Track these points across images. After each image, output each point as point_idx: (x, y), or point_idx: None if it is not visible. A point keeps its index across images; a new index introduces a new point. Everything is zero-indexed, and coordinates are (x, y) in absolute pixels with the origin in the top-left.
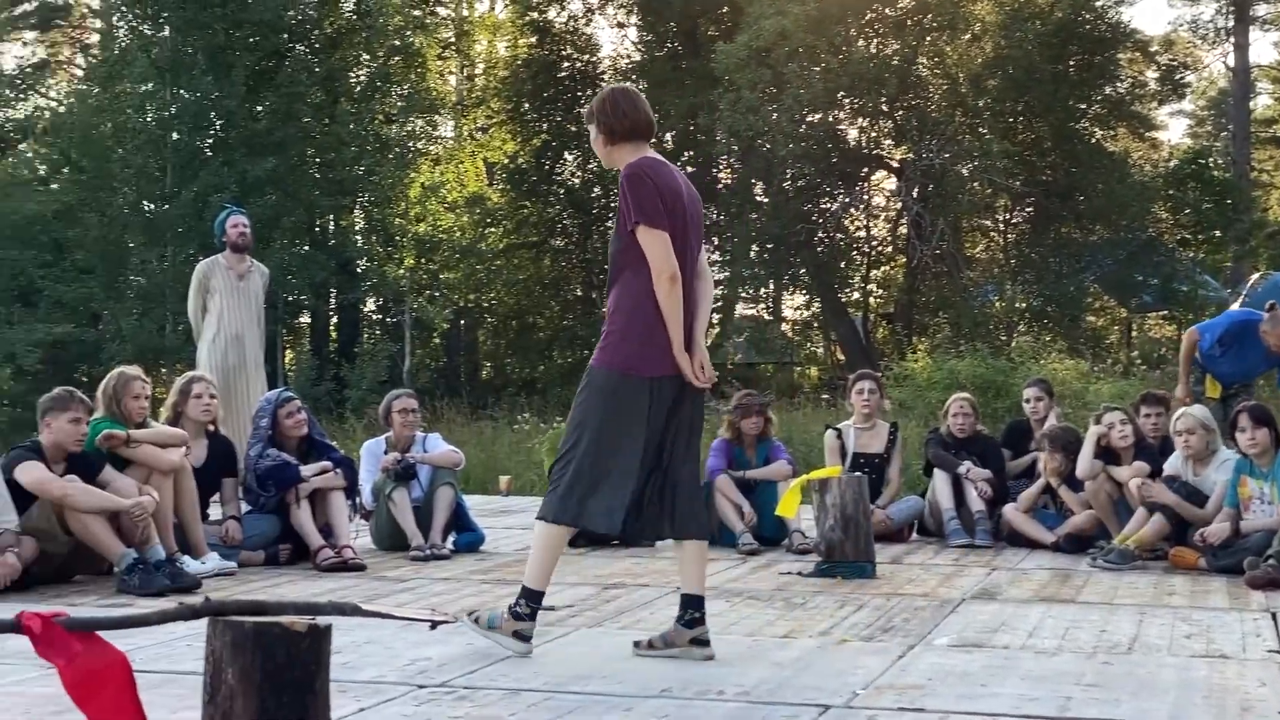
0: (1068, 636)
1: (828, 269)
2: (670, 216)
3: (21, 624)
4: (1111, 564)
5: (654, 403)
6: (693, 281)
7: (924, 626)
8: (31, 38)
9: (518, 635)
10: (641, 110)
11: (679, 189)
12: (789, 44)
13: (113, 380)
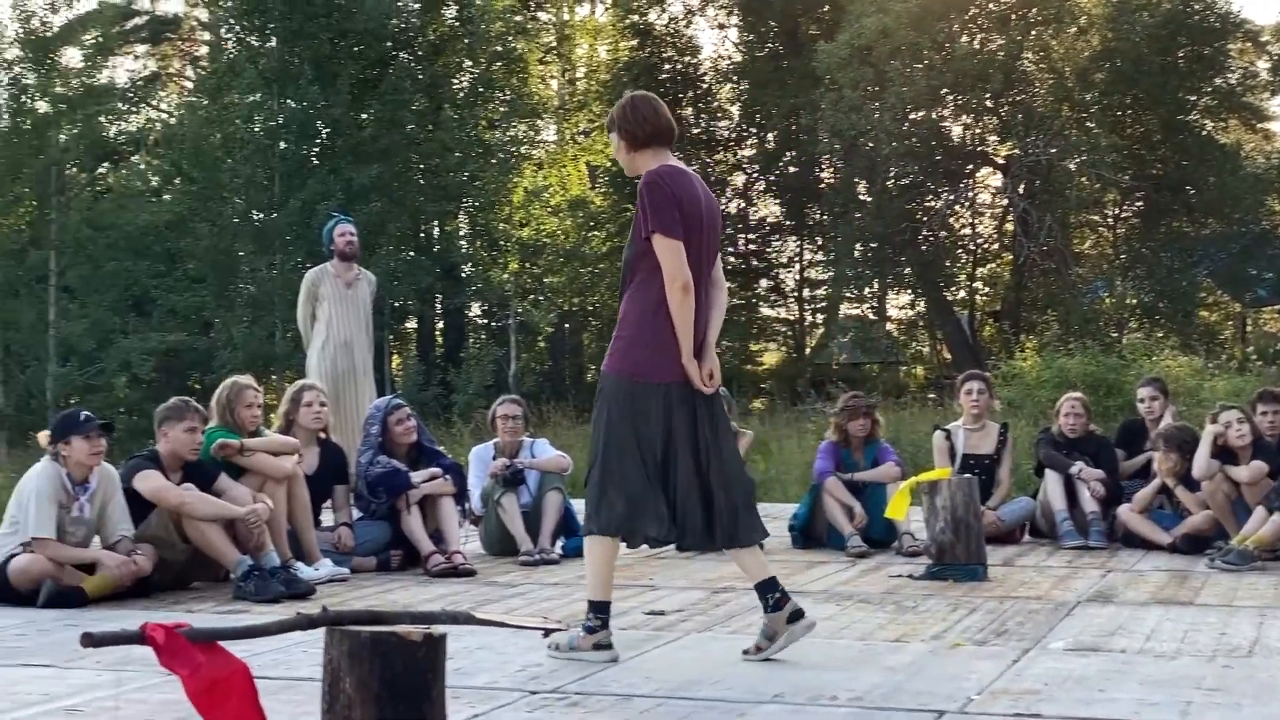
0: (1186, 640)
1: (933, 267)
2: (687, 225)
3: (146, 635)
4: (1230, 565)
5: (669, 407)
6: (707, 290)
7: (1038, 630)
8: (142, 51)
9: (597, 647)
10: (663, 116)
11: (698, 197)
12: (891, 42)
13: (226, 390)
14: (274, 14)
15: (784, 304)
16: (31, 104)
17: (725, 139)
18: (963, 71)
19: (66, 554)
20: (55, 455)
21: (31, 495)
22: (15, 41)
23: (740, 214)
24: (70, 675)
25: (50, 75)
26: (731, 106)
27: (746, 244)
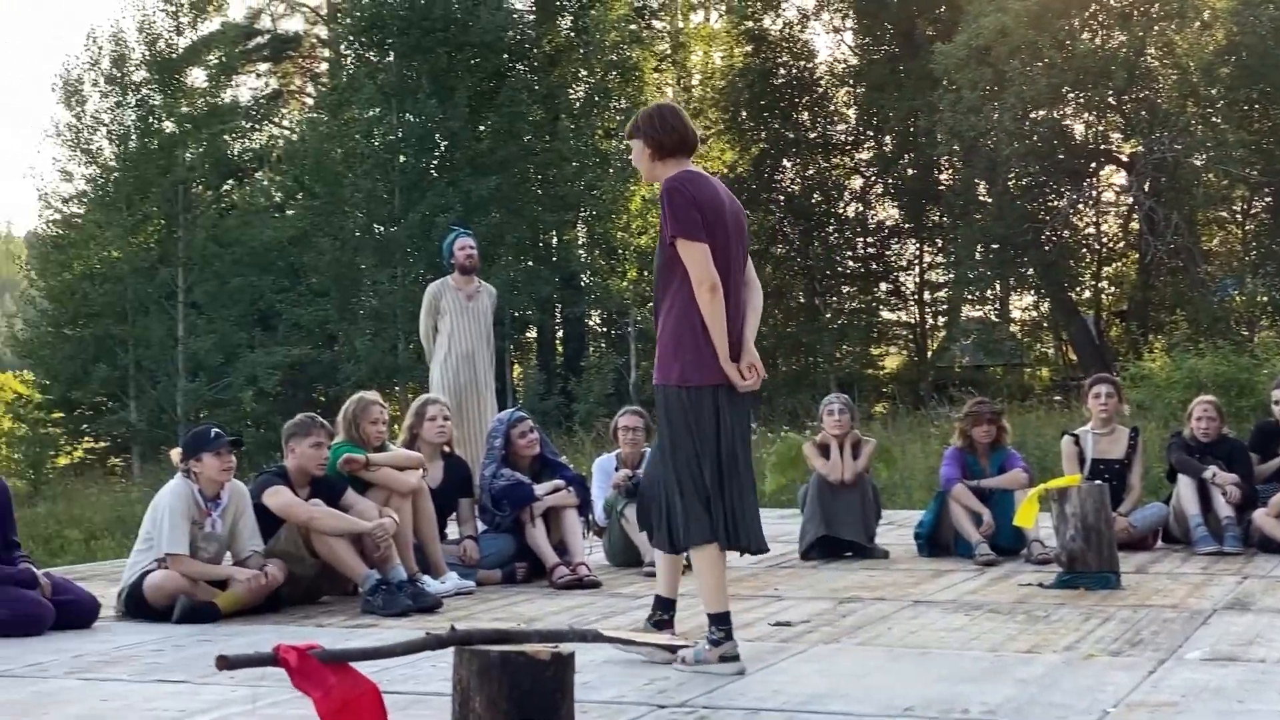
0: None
1: (1056, 268)
2: (711, 229)
3: (279, 657)
4: None
5: (719, 408)
6: (739, 290)
7: (1174, 639)
8: (265, 69)
9: (724, 659)
10: (689, 128)
11: (720, 201)
12: (1010, 41)
13: (352, 406)
14: (392, 30)
15: (904, 307)
16: (158, 124)
17: (842, 143)
18: (1084, 69)
19: (200, 570)
20: (187, 472)
21: (165, 512)
22: (142, 63)
23: (858, 217)
24: (205, 691)
25: (176, 95)
26: (848, 110)
27: (865, 247)
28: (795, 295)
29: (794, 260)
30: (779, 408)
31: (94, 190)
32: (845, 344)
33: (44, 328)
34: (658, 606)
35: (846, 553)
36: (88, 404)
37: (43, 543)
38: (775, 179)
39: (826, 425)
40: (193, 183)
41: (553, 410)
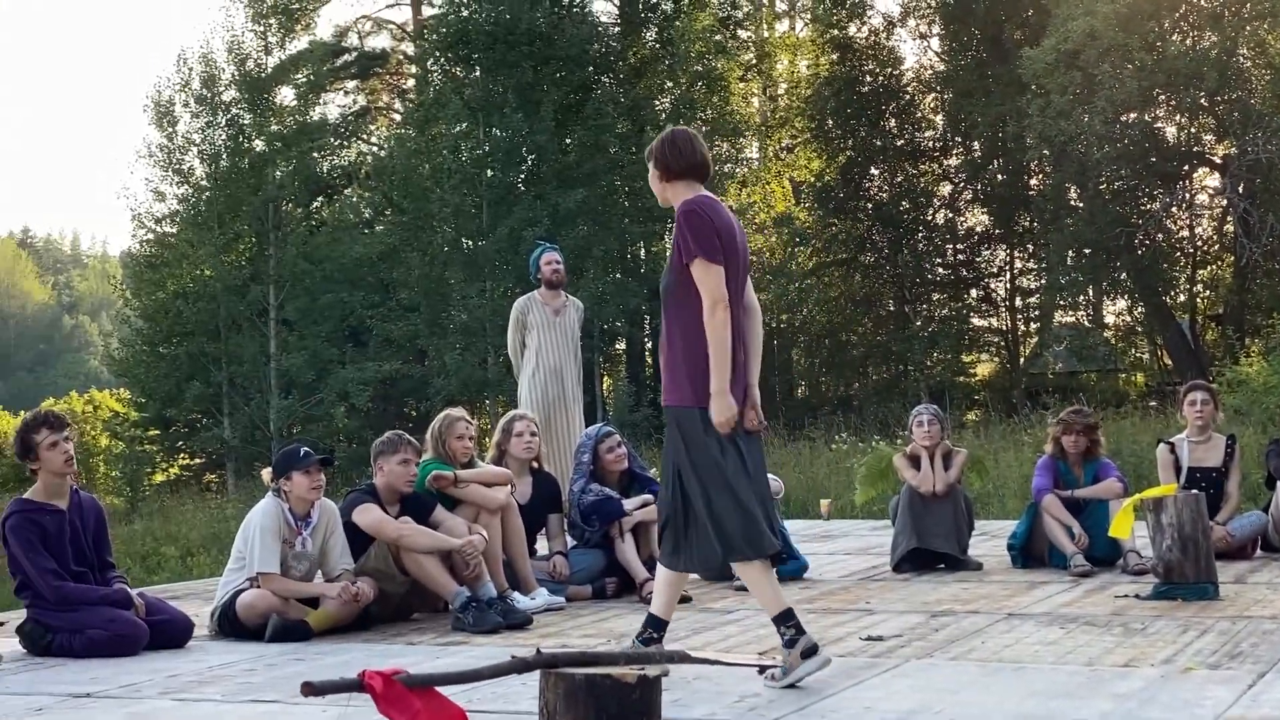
0: None
1: (1150, 272)
2: (726, 254)
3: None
4: None
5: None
6: (740, 316)
7: (1275, 651)
8: (352, 87)
9: (806, 654)
10: (698, 152)
11: (733, 228)
12: (1099, 44)
13: (438, 422)
14: (478, 45)
15: (995, 313)
16: (248, 143)
17: (930, 149)
18: (1175, 71)
19: (291, 588)
20: (277, 491)
21: (256, 532)
22: (232, 83)
23: (947, 224)
24: (296, 711)
25: (266, 114)
26: (935, 116)
27: (955, 254)
28: (885, 303)
29: (883, 268)
30: (869, 417)
31: (186, 209)
32: (936, 352)
33: (139, 346)
34: (650, 625)
35: (939, 565)
36: (183, 421)
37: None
38: (863, 187)
39: (916, 436)
40: (283, 200)
41: (643, 422)
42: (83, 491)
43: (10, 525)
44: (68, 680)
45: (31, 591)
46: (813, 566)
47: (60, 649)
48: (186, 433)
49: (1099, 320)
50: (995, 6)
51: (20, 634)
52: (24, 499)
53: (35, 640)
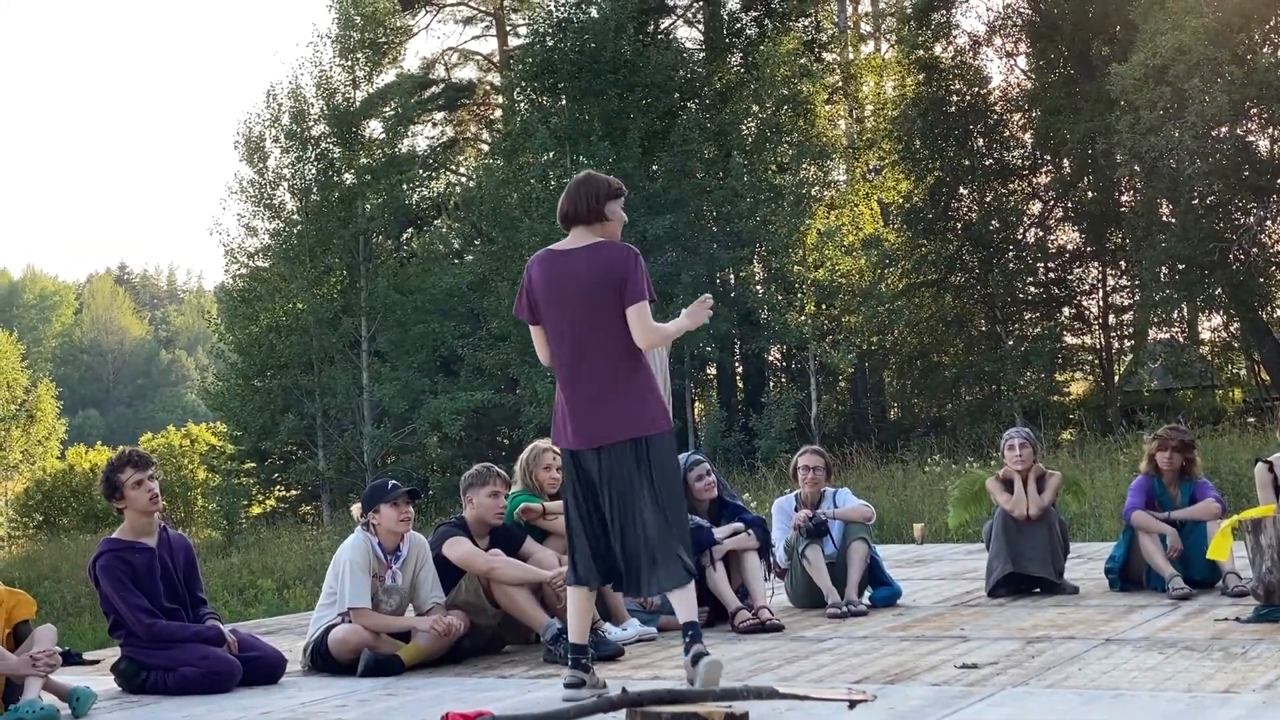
0: None
1: (1245, 287)
2: (543, 308)
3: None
4: None
5: (572, 470)
6: (568, 354)
7: None
8: (440, 118)
9: None
10: (561, 202)
11: (550, 278)
12: (1188, 59)
13: (527, 454)
14: (564, 74)
15: (1088, 331)
16: (338, 176)
17: (1019, 168)
18: (1266, 84)
19: (383, 623)
20: (366, 525)
21: (346, 567)
22: (321, 118)
23: (1038, 243)
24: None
25: (355, 148)
26: (1024, 135)
27: (1046, 273)
28: (976, 323)
29: (974, 288)
30: (963, 439)
31: (278, 244)
32: (1029, 371)
33: (233, 380)
34: (579, 652)
35: (1035, 589)
36: (278, 453)
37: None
38: (952, 207)
39: (1008, 460)
40: (373, 232)
41: (734, 448)
42: (171, 530)
43: (101, 565)
44: (162, 718)
45: (125, 630)
46: (906, 592)
47: (154, 687)
48: (282, 465)
49: (1194, 336)
50: (1082, 23)
51: (115, 672)
52: (113, 538)
53: (130, 678)
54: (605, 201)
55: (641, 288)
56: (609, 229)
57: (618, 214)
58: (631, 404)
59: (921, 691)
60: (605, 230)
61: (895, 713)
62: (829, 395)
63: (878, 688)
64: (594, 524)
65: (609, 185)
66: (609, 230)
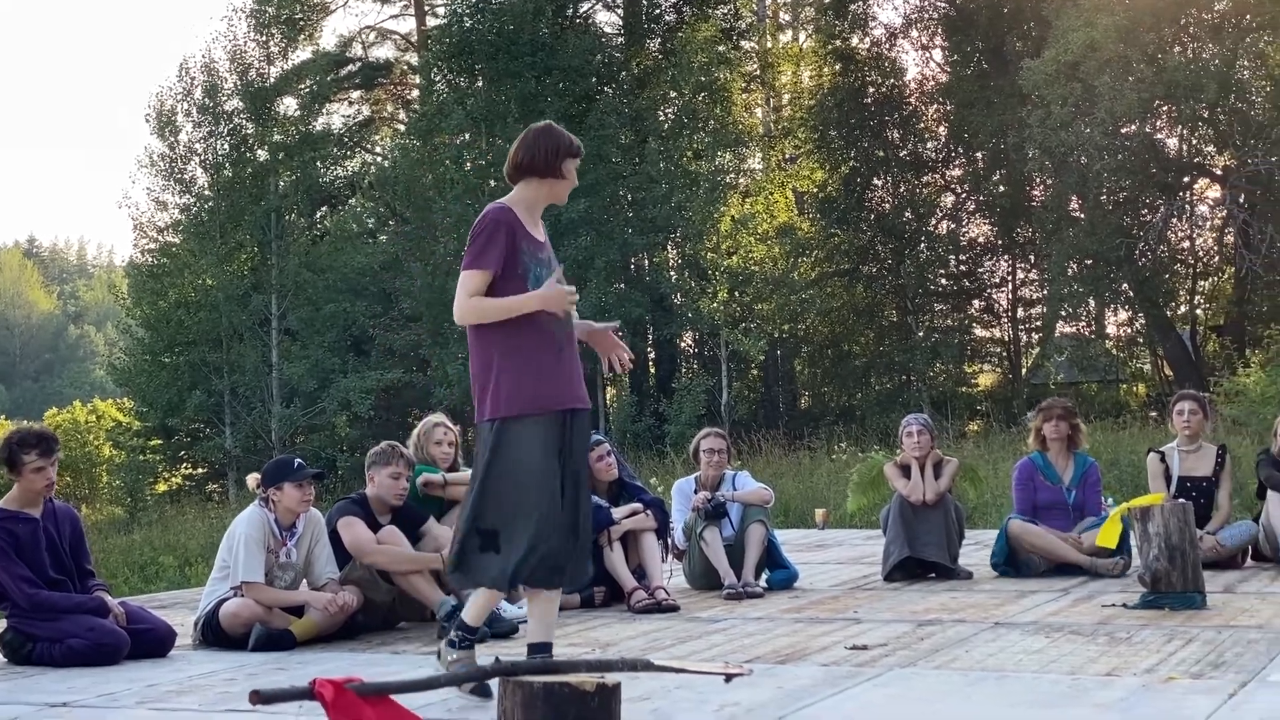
0: None
1: (1151, 283)
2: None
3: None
4: None
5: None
6: None
7: (1258, 661)
8: (356, 97)
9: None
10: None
11: None
12: (1099, 56)
13: (419, 429)
14: (481, 55)
15: (997, 324)
16: (251, 153)
17: (933, 160)
18: (1175, 83)
19: (275, 597)
20: (264, 500)
21: (240, 541)
22: (235, 93)
23: (950, 235)
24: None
25: (269, 124)
26: (938, 127)
27: (957, 265)
28: (888, 314)
29: (886, 279)
30: (871, 427)
31: (188, 219)
32: (938, 362)
33: (141, 355)
34: (469, 632)
35: (930, 574)
36: (185, 431)
37: (138, 569)
38: (866, 197)
39: (906, 446)
40: (286, 210)
41: (644, 432)
42: (57, 501)
43: None
44: (46, 690)
45: (10, 601)
46: (804, 576)
47: (41, 658)
48: (188, 442)
49: (1100, 331)
50: (997, 18)
51: (1, 643)
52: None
53: (16, 649)
54: (564, 158)
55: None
56: (559, 189)
57: (572, 175)
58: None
59: (811, 671)
60: (555, 191)
61: (784, 692)
62: (740, 382)
63: (768, 667)
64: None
65: (571, 142)
66: (558, 191)
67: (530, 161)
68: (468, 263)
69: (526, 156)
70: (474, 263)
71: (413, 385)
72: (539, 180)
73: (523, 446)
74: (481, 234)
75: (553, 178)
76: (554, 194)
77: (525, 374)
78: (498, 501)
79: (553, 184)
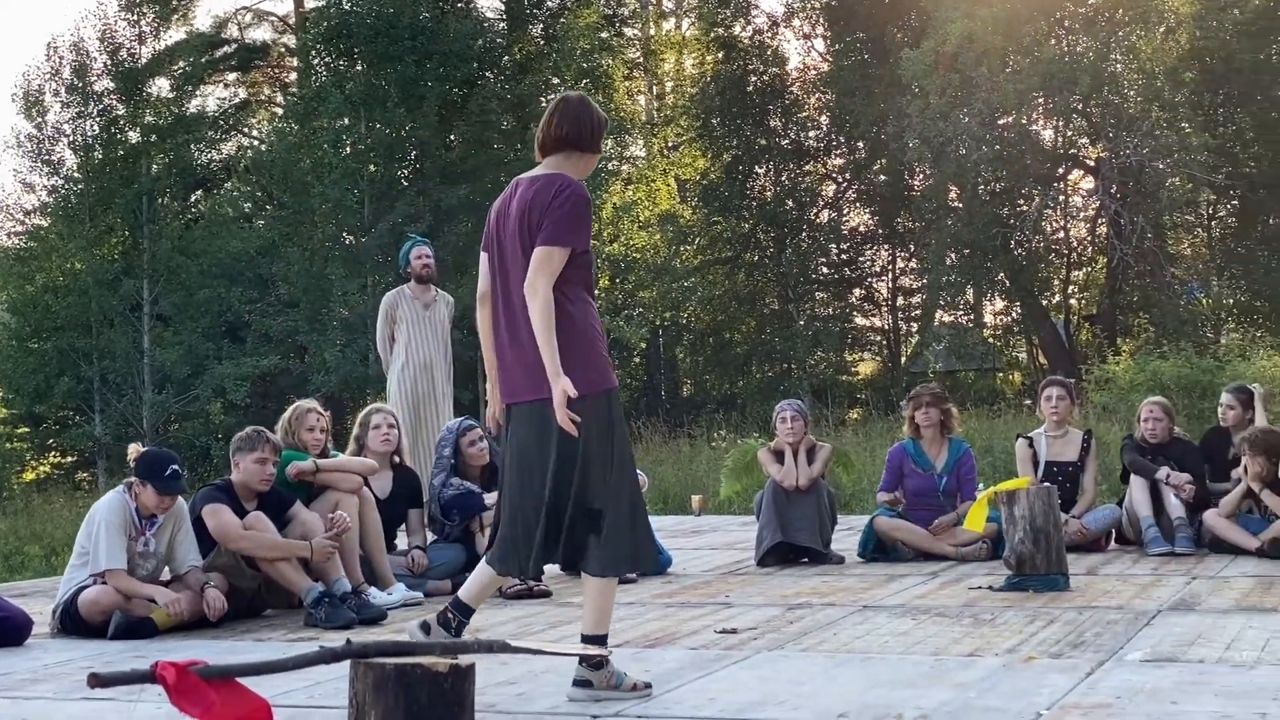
0: (1268, 648)
1: (1027, 272)
2: (488, 241)
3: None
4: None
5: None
6: (498, 309)
7: (1116, 641)
8: (232, 79)
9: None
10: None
11: (498, 212)
12: (976, 47)
13: (289, 414)
14: (360, 39)
15: (878, 313)
16: (122, 135)
17: (814, 149)
18: (1050, 75)
19: (137, 588)
20: (128, 486)
21: (101, 527)
22: (105, 73)
23: (831, 224)
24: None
25: (140, 106)
26: (820, 116)
27: (839, 254)
28: (769, 302)
29: (767, 267)
30: (752, 415)
31: (56, 202)
32: (819, 350)
33: (7, 341)
34: (461, 611)
35: (803, 559)
36: (53, 418)
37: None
38: (748, 186)
39: (779, 432)
40: (158, 193)
41: None
42: None
43: None
44: None
45: None
46: (677, 561)
47: None
48: (57, 430)
49: (978, 320)
50: (878, 8)
51: None
52: None
53: None
54: (602, 132)
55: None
56: (592, 164)
57: (601, 152)
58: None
59: (679, 655)
60: (589, 165)
61: (651, 675)
62: (622, 370)
63: (637, 651)
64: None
65: (603, 115)
66: (591, 166)
67: (576, 135)
68: (556, 237)
69: (572, 130)
70: (566, 238)
71: (289, 372)
72: (580, 154)
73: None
74: (576, 208)
75: (592, 153)
76: (586, 169)
77: (600, 347)
78: (605, 477)
79: (590, 159)
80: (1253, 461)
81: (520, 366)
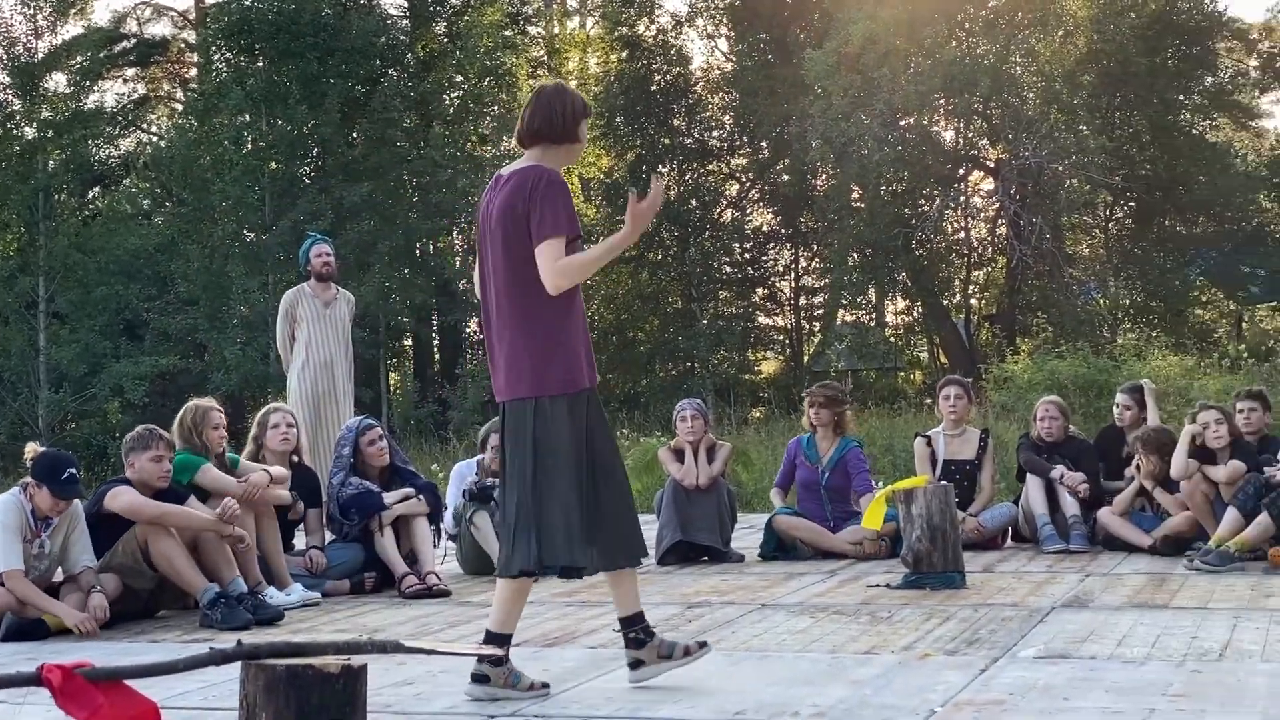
0: (1158, 644)
1: (928, 272)
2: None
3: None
4: (1209, 566)
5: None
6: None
7: (1010, 638)
8: (131, 74)
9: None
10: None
11: (484, 208)
12: (878, 48)
13: (190, 413)
14: (261, 34)
15: (780, 312)
16: (17, 130)
17: (718, 149)
18: (951, 76)
19: (32, 596)
20: (24, 487)
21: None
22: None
23: (734, 223)
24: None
25: (36, 100)
26: (723, 116)
27: (742, 253)
28: (672, 301)
29: (671, 266)
30: (655, 414)
31: None
32: (722, 349)
33: None
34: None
35: (703, 558)
36: None
37: None
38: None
39: (680, 431)
40: (55, 190)
41: (426, 418)
42: None
43: None
44: None
45: None
46: None
47: None
48: None
49: (880, 319)
50: (781, 8)
51: None
52: None
53: None
54: (579, 120)
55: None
56: (574, 153)
57: (584, 137)
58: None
59: (577, 654)
60: (571, 154)
61: (549, 674)
62: None
63: (535, 650)
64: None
65: (583, 102)
66: (573, 154)
67: (549, 127)
68: (549, 230)
69: (542, 121)
70: (557, 228)
71: (189, 371)
72: (555, 145)
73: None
74: (556, 197)
75: (569, 142)
76: (569, 157)
77: (577, 346)
78: (609, 474)
79: (569, 148)
80: (1145, 460)
81: (503, 364)
